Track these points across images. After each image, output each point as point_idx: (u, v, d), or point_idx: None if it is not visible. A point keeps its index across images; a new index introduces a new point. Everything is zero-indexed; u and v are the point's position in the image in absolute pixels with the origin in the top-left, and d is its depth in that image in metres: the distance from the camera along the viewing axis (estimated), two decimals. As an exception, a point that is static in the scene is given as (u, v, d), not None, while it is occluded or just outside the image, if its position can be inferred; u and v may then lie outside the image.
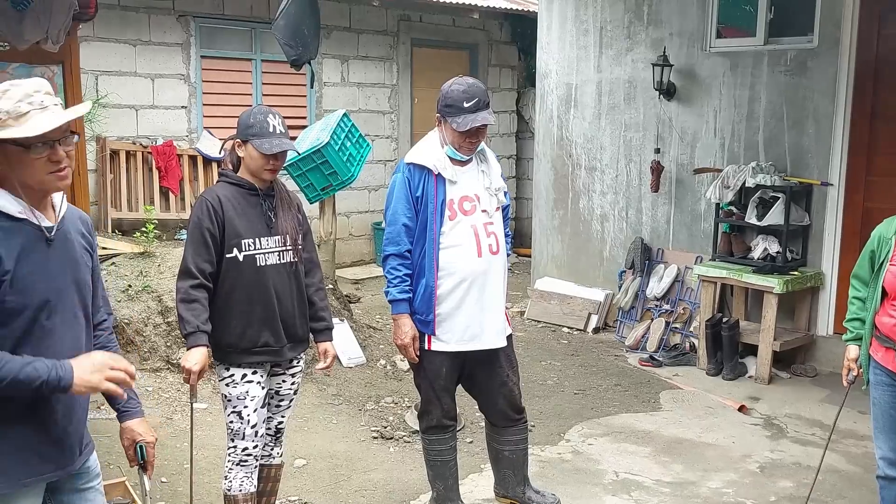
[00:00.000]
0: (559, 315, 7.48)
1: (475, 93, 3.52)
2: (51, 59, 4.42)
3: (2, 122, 2.08)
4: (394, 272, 3.59)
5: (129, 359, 5.47)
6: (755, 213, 6.19)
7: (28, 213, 2.17)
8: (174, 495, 4.05)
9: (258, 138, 3.16)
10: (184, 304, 3.08)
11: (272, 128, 3.17)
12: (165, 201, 8.06)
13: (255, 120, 3.18)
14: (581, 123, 7.69)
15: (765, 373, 5.98)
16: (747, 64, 6.55)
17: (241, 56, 8.70)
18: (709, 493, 4.25)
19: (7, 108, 2.08)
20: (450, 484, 3.83)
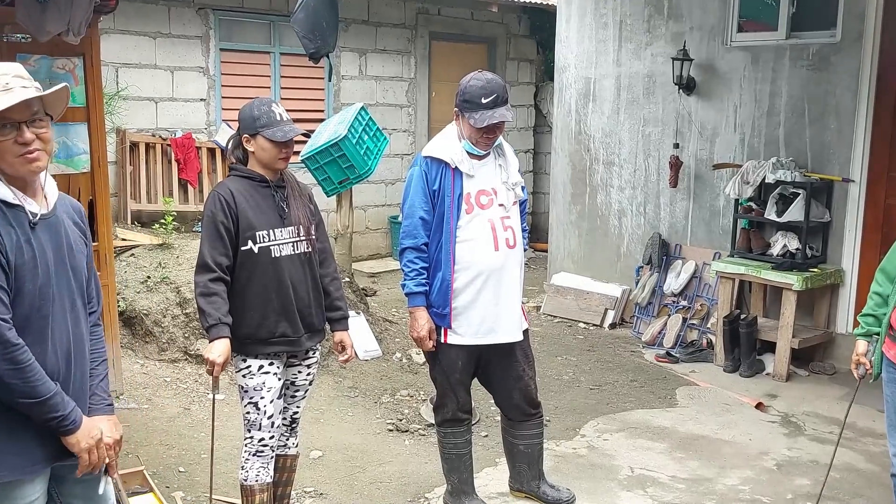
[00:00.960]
0: (575, 310, 7.46)
1: (494, 88, 3.50)
2: (72, 52, 4.44)
3: None
4: (410, 265, 3.60)
5: (146, 350, 5.56)
6: (775, 209, 6.14)
7: (22, 200, 2.16)
8: (192, 485, 4.08)
9: (269, 128, 3.16)
10: (203, 297, 3.09)
11: (279, 116, 3.18)
12: (184, 193, 8.11)
13: (261, 112, 3.19)
14: (599, 118, 7.66)
15: (783, 370, 5.94)
16: (769, 58, 6.49)
17: (259, 49, 8.72)
18: (725, 489, 4.23)
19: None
20: (464, 477, 3.84)
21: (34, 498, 2.25)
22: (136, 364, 5.44)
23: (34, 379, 2.10)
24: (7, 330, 2.06)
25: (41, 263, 2.18)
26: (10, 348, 2.05)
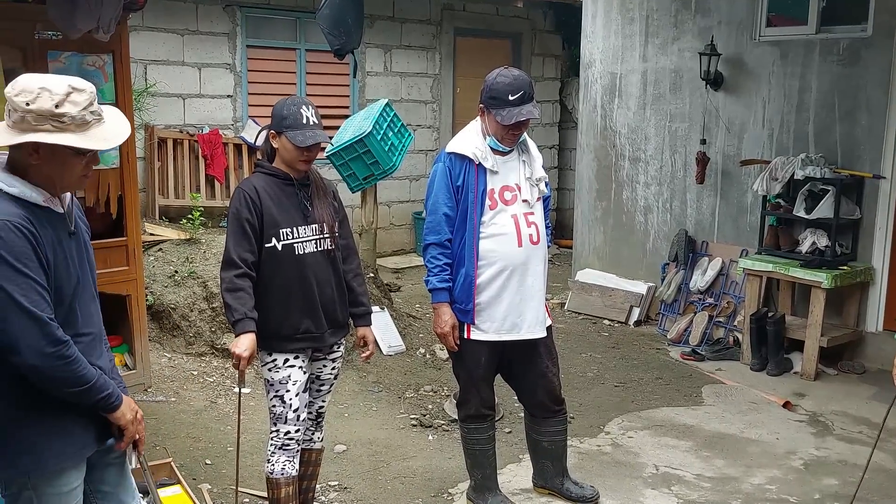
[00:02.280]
0: (600, 307, 7.43)
1: (520, 85, 3.49)
2: (101, 49, 4.48)
3: (64, 126, 2.14)
4: (434, 261, 3.60)
5: (174, 344, 5.62)
6: (804, 206, 6.07)
7: (49, 202, 2.24)
8: (218, 477, 4.12)
9: (292, 130, 3.18)
10: (229, 293, 3.12)
11: (305, 119, 3.19)
12: (211, 189, 8.18)
13: (289, 112, 3.20)
14: (625, 113, 7.61)
15: (811, 369, 5.88)
16: (798, 53, 6.41)
17: (285, 45, 8.76)
18: (751, 489, 4.20)
19: (73, 113, 2.14)
20: (488, 473, 3.84)
21: (76, 485, 2.33)
22: (163, 357, 5.50)
23: (81, 368, 2.20)
24: (56, 329, 2.15)
25: (72, 261, 2.28)
26: (60, 346, 2.15)
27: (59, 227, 2.26)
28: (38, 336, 2.11)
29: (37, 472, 2.25)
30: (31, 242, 2.13)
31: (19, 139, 2.13)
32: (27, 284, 2.10)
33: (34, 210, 2.19)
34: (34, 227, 2.15)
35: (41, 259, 2.16)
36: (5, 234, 2.09)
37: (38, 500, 2.27)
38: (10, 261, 2.09)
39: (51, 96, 2.12)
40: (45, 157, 2.17)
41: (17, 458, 2.24)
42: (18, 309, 2.09)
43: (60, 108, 2.12)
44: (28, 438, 2.24)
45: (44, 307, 2.13)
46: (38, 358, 2.12)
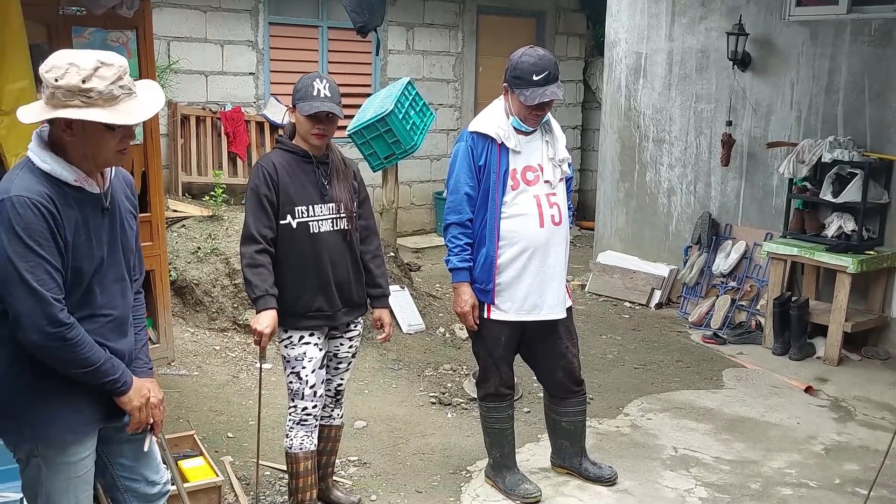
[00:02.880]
0: (621, 289, 7.40)
1: (545, 65, 3.46)
2: (125, 25, 4.49)
3: (91, 101, 2.13)
4: (455, 241, 3.59)
5: (196, 319, 5.67)
6: (831, 190, 5.99)
7: (82, 181, 2.24)
8: (240, 450, 4.17)
9: (302, 101, 3.18)
10: (250, 268, 3.14)
11: (317, 91, 3.17)
12: (233, 166, 8.21)
13: (303, 85, 3.20)
14: (650, 94, 7.53)
15: (834, 354, 5.83)
16: (828, 33, 6.30)
17: (308, 23, 8.74)
18: (771, 472, 4.18)
19: (100, 88, 2.14)
20: (506, 452, 3.85)
21: (85, 455, 2.36)
22: (186, 332, 5.56)
23: (84, 351, 2.21)
24: (59, 311, 2.16)
25: (97, 243, 2.28)
26: (60, 328, 2.16)
27: (90, 207, 2.26)
28: (40, 314, 2.13)
29: (42, 441, 2.29)
30: (47, 221, 2.14)
31: (50, 115, 2.14)
32: (36, 262, 2.12)
33: (63, 188, 2.19)
34: (55, 205, 2.16)
35: (57, 239, 2.16)
36: (22, 211, 2.11)
37: (46, 467, 2.31)
38: (23, 237, 2.11)
39: (78, 71, 2.12)
40: (77, 132, 2.18)
41: (24, 427, 2.28)
42: (24, 285, 2.11)
43: (87, 83, 2.12)
44: (35, 409, 2.27)
45: (51, 286, 2.14)
46: (37, 335, 2.15)
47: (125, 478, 2.53)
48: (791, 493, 3.98)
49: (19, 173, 2.19)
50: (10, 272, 2.11)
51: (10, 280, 2.12)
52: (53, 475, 2.31)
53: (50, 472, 2.31)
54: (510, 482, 3.81)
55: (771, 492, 3.98)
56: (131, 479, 2.54)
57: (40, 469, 2.31)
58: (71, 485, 2.33)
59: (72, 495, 2.34)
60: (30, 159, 2.21)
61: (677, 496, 3.90)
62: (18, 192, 2.13)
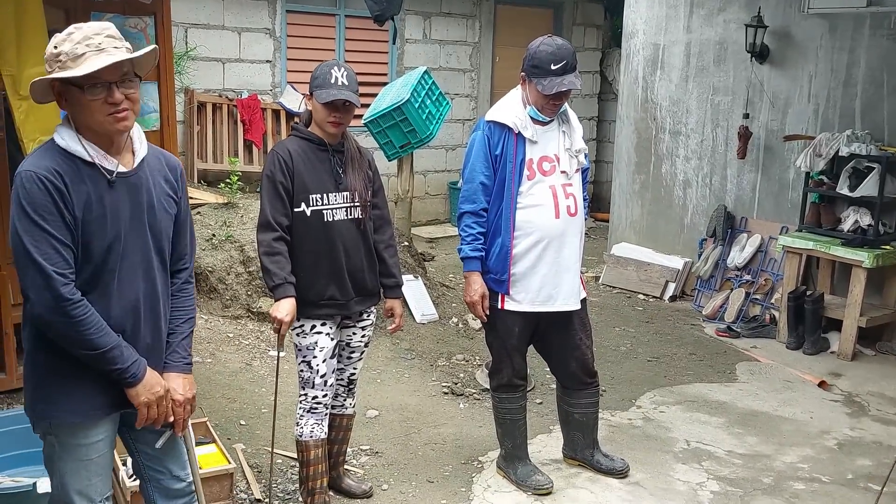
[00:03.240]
0: (635, 281, 7.38)
1: (564, 55, 3.45)
2: (144, 11, 4.50)
3: (62, 64, 2.13)
4: (468, 230, 3.59)
5: (210, 306, 5.69)
6: (847, 184, 5.95)
7: (100, 158, 2.21)
8: (252, 437, 4.20)
9: (319, 89, 3.17)
10: (268, 256, 3.14)
11: (334, 79, 3.16)
12: (249, 154, 8.23)
13: (320, 72, 3.20)
14: (667, 86, 7.49)
15: (848, 349, 5.80)
16: (847, 26, 6.24)
17: (325, 11, 8.74)
18: (783, 466, 4.17)
19: (66, 49, 2.13)
20: (518, 443, 3.86)
21: (98, 439, 2.34)
22: (200, 319, 5.58)
23: (91, 332, 2.17)
24: (62, 286, 2.13)
25: (112, 221, 2.23)
26: (63, 303, 2.13)
27: (105, 185, 2.21)
28: (43, 289, 2.12)
29: (53, 420, 2.30)
30: (52, 196, 2.12)
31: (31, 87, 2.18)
32: (41, 237, 2.11)
33: (77, 164, 2.17)
34: (63, 181, 2.14)
35: (63, 214, 2.14)
36: (28, 186, 2.11)
37: (60, 446, 2.32)
38: (29, 211, 2.11)
39: (54, 41, 2.15)
40: (69, 104, 2.18)
41: (37, 405, 2.30)
42: (29, 260, 2.12)
43: (58, 48, 2.13)
44: (48, 388, 2.28)
45: (55, 261, 2.12)
46: (41, 309, 2.14)
47: (149, 467, 2.52)
48: (803, 487, 3.97)
49: (38, 150, 2.21)
50: (18, 246, 2.14)
51: (19, 253, 2.14)
52: (66, 455, 2.32)
53: (62, 452, 2.32)
54: (522, 473, 3.82)
55: (783, 486, 3.97)
56: (155, 470, 2.52)
57: (54, 447, 2.33)
58: (83, 466, 2.32)
59: (83, 478, 2.33)
60: (53, 137, 2.22)
61: (689, 489, 3.89)
62: (27, 168, 2.14)
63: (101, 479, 2.38)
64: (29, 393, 2.32)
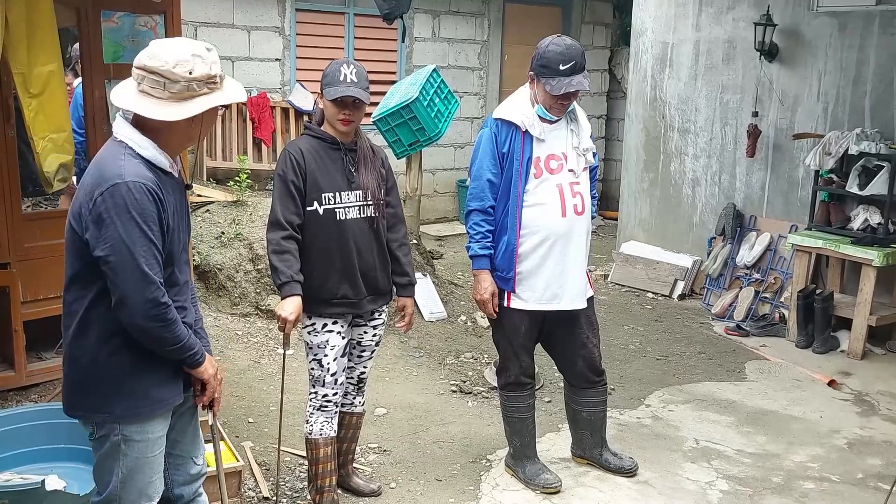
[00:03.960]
0: (644, 280, 7.37)
1: (572, 55, 3.44)
2: (154, 9, 4.52)
3: (215, 87, 2.25)
4: (476, 228, 3.59)
5: (219, 304, 5.71)
6: (857, 182, 5.92)
7: (172, 168, 2.33)
8: (260, 435, 4.21)
9: (329, 87, 3.18)
10: (276, 255, 3.15)
11: (343, 76, 3.16)
12: (258, 152, 8.24)
13: (331, 70, 3.20)
14: (676, 84, 7.47)
15: (858, 348, 5.77)
16: (857, 25, 6.21)
17: (334, 9, 8.75)
18: (792, 466, 4.16)
19: (217, 72, 2.25)
20: (526, 441, 3.86)
21: (161, 434, 2.42)
22: (209, 317, 5.60)
23: (176, 329, 2.29)
24: (162, 293, 2.23)
25: (182, 226, 2.38)
26: (162, 308, 2.23)
27: (178, 191, 2.35)
28: (145, 298, 2.19)
29: (129, 418, 2.33)
30: (157, 206, 2.21)
31: (193, 108, 2.22)
32: (148, 247, 2.19)
33: (160, 174, 2.26)
34: (161, 191, 2.23)
35: (163, 224, 2.24)
36: (139, 196, 2.17)
37: (126, 445, 2.35)
38: (139, 222, 2.17)
39: (203, 61, 2.23)
40: (198, 118, 2.26)
41: (112, 404, 2.32)
42: (137, 269, 2.17)
43: (212, 70, 2.24)
44: (124, 385, 2.31)
45: (157, 270, 2.22)
46: (141, 317, 2.21)
47: (173, 454, 2.57)
48: (813, 487, 3.96)
49: (124, 159, 2.22)
50: (125, 255, 2.17)
51: (125, 264, 2.17)
52: (132, 453, 2.36)
53: (129, 450, 2.35)
54: (530, 472, 3.82)
55: (793, 485, 3.96)
56: (178, 457, 2.59)
57: (119, 447, 2.35)
58: (147, 464, 2.39)
59: (146, 475, 2.40)
60: (128, 145, 2.25)
61: (698, 488, 3.89)
62: (133, 178, 2.18)
63: (159, 478, 2.46)
64: (97, 394, 2.33)
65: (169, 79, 2.18)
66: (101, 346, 2.30)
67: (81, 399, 2.35)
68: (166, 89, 2.19)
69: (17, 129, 4.02)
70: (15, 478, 3.21)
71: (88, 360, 2.32)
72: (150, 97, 2.21)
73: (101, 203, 2.17)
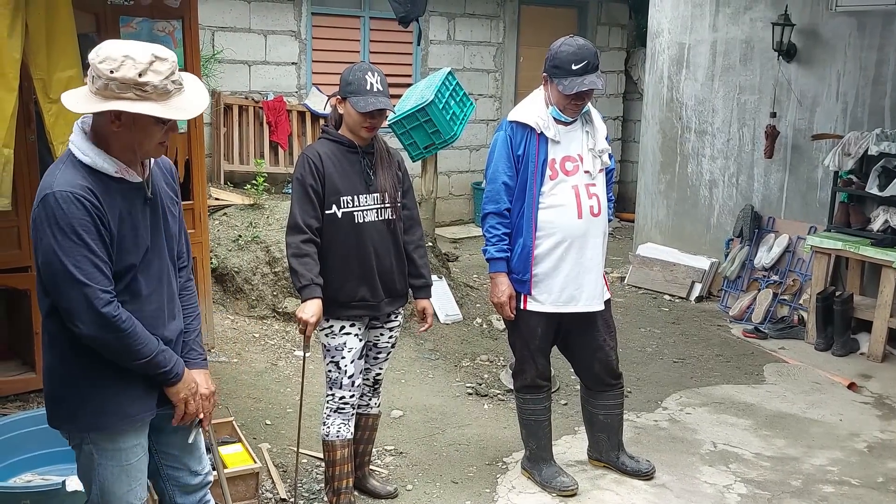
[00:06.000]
0: (661, 282, 7.33)
1: (585, 55, 3.43)
2: (171, 15, 4.56)
3: (146, 95, 2.14)
4: (492, 231, 3.59)
5: (237, 306, 5.74)
6: (877, 183, 5.87)
7: (123, 172, 2.25)
8: (277, 437, 4.22)
9: (355, 96, 3.18)
10: (296, 258, 3.16)
11: (370, 85, 3.18)
12: (275, 155, 8.28)
13: (354, 77, 3.20)
14: (693, 85, 7.44)
15: (878, 350, 5.72)
16: (876, 24, 6.16)
17: (350, 13, 8.78)
18: (812, 469, 4.12)
19: (155, 82, 2.14)
20: (543, 444, 3.85)
21: (136, 443, 2.39)
22: (226, 319, 5.64)
23: (140, 342, 2.24)
24: (108, 304, 2.17)
25: (142, 232, 2.29)
26: (113, 320, 2.18)
27: (132, 197, 2.27)
28: (90, 308, 2.14)
29: (95, 430, 2.32)
30: (90, 214, 2.14)
31: (102, 106, 2.14)
32: (82, 256, 2.13)
33: (105, 180, 2.20)
34: (97, 198, 2.16)
35: (101, 231, 2.17)
36: (66, 206, 2.12)
37: (98, 455, 2.34)
38: (68, 232, 2.12)
39: (134, 65, 2.12)
40: (126, 124, 2.18)
41: (79, 416, 2.31)
42: (72, 280, 2.13)
43: (143, 76, 2.13)
44: (89, 398, 2.29)
45: (98, 279, 2.16)
46: (90, 328, 2.17)
47: (169, 466, 2.56)
48: (833, 490, 3.92)
49: (62, 168, 2.20)
50: (57, 268, 2.13)
51: (59, 275, 2.14)
52: (106, 462, 2.34)
53: (102, 460, 2.34)
54: (547, 474, 3.81)
55: (812, 489, 3.93)
56: (174, 468, 2.56)
57: (93, 456, 2.34)
58: (123, 472, 2.36)
59: (124, 483, 2.37)
60: (71, 152, 2.22)
61: (716, 492, 3.86)
62: (61, 188, 2.14)
63: (140, 485, 2.43)
64: (66, 405, 2.33)
65: (94, 73, 2.14)
66: (66, 358, 2.28)
67: (52, 410, 2.36)
68: (93, 84, 2.15)
69: (38, 134, 4.06)
70: (36, 478, 3.25)
71: (57, 372, 2.31)
72: (86, 91, 2.18)
73: (37, 215, 2.16)
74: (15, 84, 3.43)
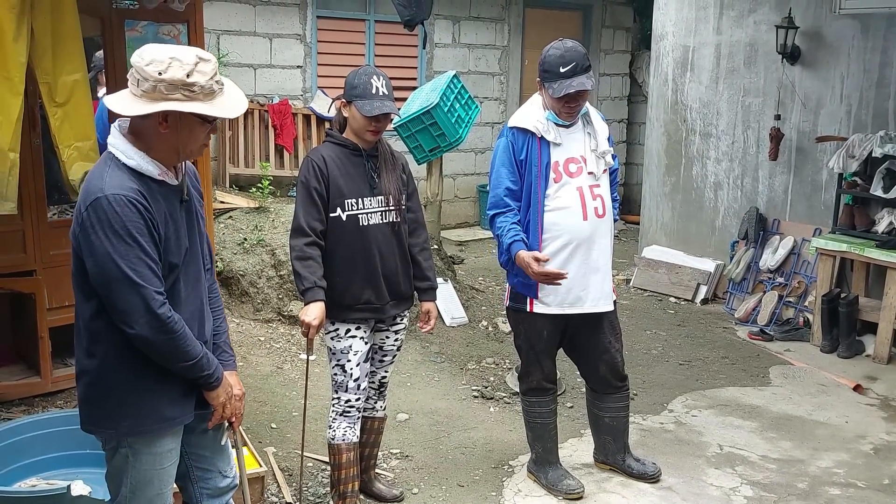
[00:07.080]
0: (666, 284, 7.33)
1: (572, 57, 3.44)
2: (177, 18, 4.57)
3: (193, 95, 2.16)
4: (503, 224, 3.52)
5: (242, 310, 5.75)
6: (881, 185, 5.86)
7: (164, 175, 2.27)
8: (283, 441, 4.23)
9: (361, 100, 3.19)
10: (299, 261, 3.17)
11: (375, 89, 3.18)
12: (280, 159, 8.30)
13: (360, 81, 3.21)
14: (697, 87, 7.44)
15: (884, 352, 5.71)
16: (880, 26, 6.16)
17: (355, 16, 8.80)
18: (818, 471, 4.12)
19: (202, 82, 2.17)
20: (549, 447, 3.85)
21: (172, 447, 2.40)
22: (232, 323, 5.64)
23: (186, 345, 2.25)
24: (161, 305, 2.19)
25: (182, 233, 2.32)
26: (167, 321, 2.19)
27: (173, 200, 2.29)
28: (146, 310, 2.16)
29: (134, 434, 2.32)
30: (143, 217, 2.17)
31: (151, 108, 2.15)
32: (138, 258, 2.15)
33: (149, 183, 2.22)
34: (147, 200, 2.18)
35: (153, 234, 2.19)
36: (120, 209, 2.13)
37: (134, 458, 2.35)
38: (123, 235, 2.13)
39: (181, 66, 2.14)
40: (173, 125, 2.20)
41: (118, 419, 2.31)
42: (128, 282, 2.14)
43: (191, 77, 2.15)
44: (130, 401, 2.30)
45: (153, 281, 2.17)
46: (145, 330, 2.18)
47: (199, 468, 2.56)
48: (839, 493, 3.92)
49: (108, 171, 2.20)
50: (112, 270, 2.14)
51: (114, 278, 2.14)
52: (140, 466, 2.35)
53: (137, 463, 2.34)
54: (553, 477, 3.81)
55: (818, 491, 3.92)
56: (204, 470, 2.57)
57: (127, 459, 2.34)
58: (156, 476, 2.37)
59: (155, 486, 2.38)
60: (114, 155, 2.23)
61: (722, 494, 3.86)
62: (114, 191, 2.14)
63: (168, 490, 2.45)
64: (104, 409, 2.32)
65: (141, 76, 2.15)
66: (107, 361, 2.28)
67: (89, 413, 2.35)
68: (139, 87, 2.16)
69: (43, 138, 4.07)
70: (41, 483, 3.25)
71: (95, 375, 2.30)
72: (129, 94, 2.19)
73: (87, 218, 2.15)
74: (21, 88, 3.44)
